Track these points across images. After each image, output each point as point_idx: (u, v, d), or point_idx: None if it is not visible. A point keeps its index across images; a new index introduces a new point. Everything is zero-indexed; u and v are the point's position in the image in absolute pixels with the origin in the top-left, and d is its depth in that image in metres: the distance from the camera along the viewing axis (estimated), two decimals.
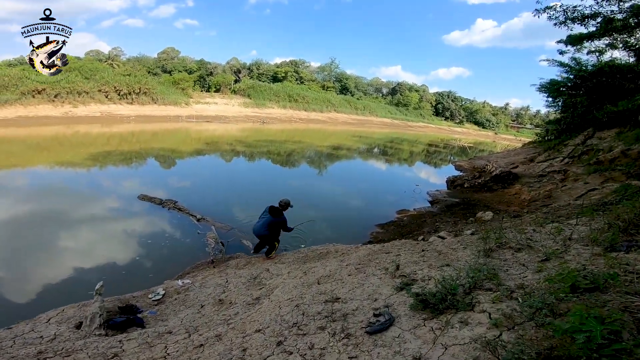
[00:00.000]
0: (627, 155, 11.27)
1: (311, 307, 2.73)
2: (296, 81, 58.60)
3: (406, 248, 4.61)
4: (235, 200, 11.12)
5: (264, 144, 25.53)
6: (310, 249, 6.42)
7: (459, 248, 3.68)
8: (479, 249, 3.37)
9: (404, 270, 3.19)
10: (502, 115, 77.21)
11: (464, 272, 2.65)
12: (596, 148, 14.37)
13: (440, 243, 4.33)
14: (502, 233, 3.57)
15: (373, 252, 4.77)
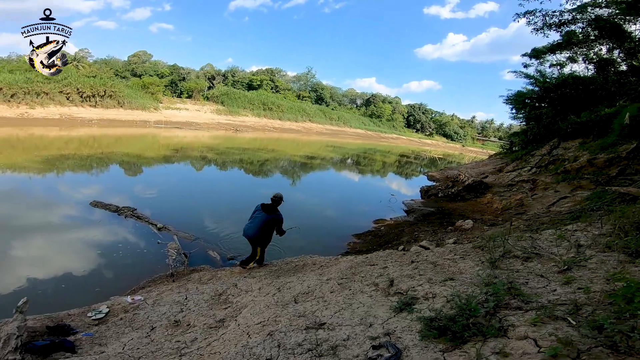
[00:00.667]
0: (593, 164, 11.52)
1: (289, 335, 2.13)
2: (272, 90, 57.67)
3: (392, 259, 4.12)
4: (202, 209, 10.28)
5: (236, 152, 24.64)
6: (285, 261, 5.79)
7: (456, 259, 3.23)
8: (481, 260, 2.93)
9: (399, 286, 2.68)
10: (469, 128, 79.92)
11: (476, 287, 2.17)
12: (562, 158, 14.74)
13: (430, 254, 3.87)
14: (504, 241, 3.15)
15: (356, 264, 4.24)
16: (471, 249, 3.57)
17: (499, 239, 3.30)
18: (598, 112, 14.27)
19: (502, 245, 3.12)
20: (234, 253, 7.46)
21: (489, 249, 3.10)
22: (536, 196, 11.82)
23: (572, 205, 8.97)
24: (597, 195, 8.13)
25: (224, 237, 8.34)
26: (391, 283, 2.74)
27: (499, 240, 3.29)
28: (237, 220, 9.65)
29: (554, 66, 21.79)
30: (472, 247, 3.62)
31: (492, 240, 3.31)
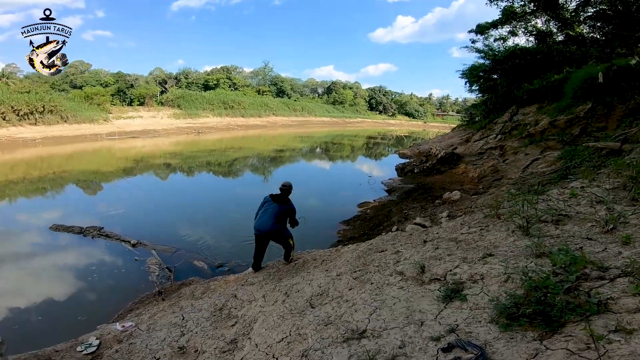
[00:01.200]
0: (556, 126, 11.96)
1: (329, 354, 1.78)
2: (230, 88, 55.87)
3: (401, 242, 3.87)
4: (175, 219, 9.55)
5: (203, 155, 23.52)
6: (280, 261, 5.39)
7: (477, 232, 3.01)
8: (509, 229, 2.72)
9: (432, 271, 2.40)
10: (428, 105, 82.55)
11: (528, 260, 1.92)
12: (523, 123, 15.28)
13: (441, 230, 3.65)
14: (523, 205, 2.96)
15: (362, 253, 3.95)
16: (484, 219, 3.37)
17: (513, 204, 3.11)
18: (549, 79, 14.92)
19: (520, 210, 2.93)
20: (222, 259, 6.98)
21: (508, 216, 2.90)
22: (508, 161, 12.13)
23: (547, 166, 9.23)
24: (569, 154, 8.41)
25: (206, 244, 7.79)
26: (422, 269, 2.45)
27: (513, 206, 3.11)
28: (216, 225, 9.10)
29: (497, 40, 22.92)
30: (484, 216, 3.43)
31: (503, 205, 3.11)
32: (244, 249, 7.68)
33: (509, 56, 18.13)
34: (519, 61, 17.55)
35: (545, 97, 14.67)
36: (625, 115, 8.96)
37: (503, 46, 21.99)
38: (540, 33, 19.54)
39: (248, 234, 8.75)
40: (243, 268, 6.59)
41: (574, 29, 17.71)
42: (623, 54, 13.45)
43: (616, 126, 9.03)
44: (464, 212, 6.17)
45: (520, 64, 17.50)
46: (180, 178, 16.80)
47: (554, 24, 19.00)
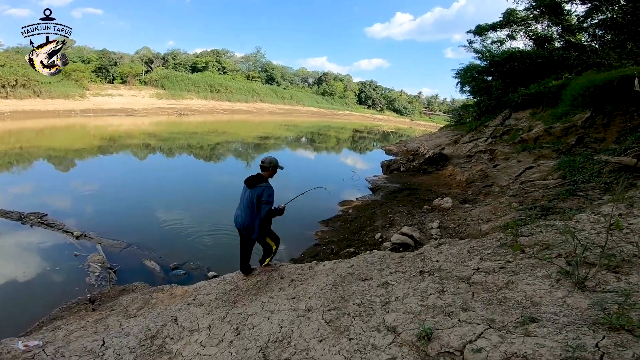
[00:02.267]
0: (551, 134, 11.43)
1: None
2: (218, 71, 53.97)
3: (390, 268, 3.06)
4: (138, 208, 8.51)
5: (183, 137, 22.20)
6: (239, 273, 4.49)
7: (502, 272, 2.23)
8: (551, 274, 1.95)
9: (442, 337, 1.59)
10: (417, 103, 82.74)
11: (598, 335, 1.14)
12: (515, 128, 14.80)
13: (443, 259, 2.86)
14: (575, 242, 2.19)
15: (341, 279, 3.12)
16: (500, 248, 2.59)
17: (534, 230, 2.34)
18: (546, 84, 14.42)
19: (558, 245, 2.17)
20: (180, 259, 6.05)
21: (539, 252, 2.14)
22: (499, 167, 11.55)
23: (542, 176, 8.63)
24: (567, 165, 7.81)
25: (165, 239, 6.86)
26: (429, 337, 1.64)
27: (536, 233, 2.34)
28: (183, 217, 8.07)
29: (495, 43, 22.67)
30: (500, 244, 2.65)
31: (521, 231, 2.34)
32: (210, 247, 6.79)
33: (507, 58, 17.72)
34: (517, 64, 17.17)
35: (541, 102, 14.24)
36: (626, 127, 8.41)
37: (500, 49, 21.72)
38: (539, 38, 19.19)
39: (218, 228, 7.90)
40: (201, 273, 5.74)
41: (575, 35, 17.31)
42: (620, 65, 13.01)
43: (616, 138, 8.50)
44: (456, 224, 5.45)
45: (518, 67, 17.12)
46: (152, 161, 15.53)
47: (555, 30, 18.62)
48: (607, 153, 7.22)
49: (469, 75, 21.85)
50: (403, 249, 5.32)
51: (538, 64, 16.61)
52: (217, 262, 6.18)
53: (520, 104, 15.70)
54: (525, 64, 16.91)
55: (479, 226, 4.80)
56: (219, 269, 5.92)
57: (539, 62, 16.59)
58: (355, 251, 5.86)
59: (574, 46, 17.70)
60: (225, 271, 5.76)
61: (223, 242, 7.00)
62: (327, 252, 6.30)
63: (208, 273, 5.75)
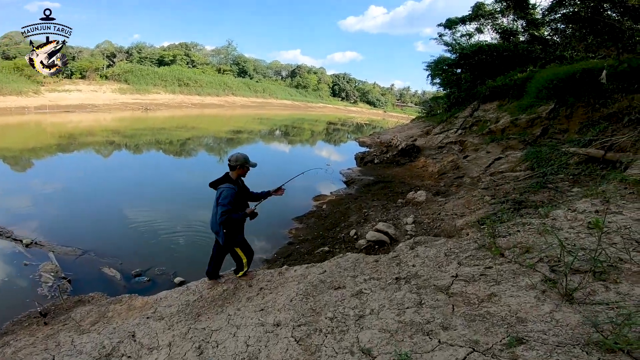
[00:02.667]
0: (517, 125, 11.67)
1: None
2: (187, 65, 52.01)
3: (364, 274, 2.85)
4: (95, 211, 7.87)
5: (150, 133, 21.11)
6: (205, 281, 4.15)
7: (483, 281, 2.05)
8: (535, 284, 1.79)
9: None
10: (389, 95, 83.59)
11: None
12: (483, 119, 15.07)
13: (420, 263, 2.68)
14: (564, 246, 2.04)
15: (312, 287, 2.88)
16: (478, 251, 2.44)
17: (511, 229, 2.20)
18: (512, 77, 14.73)
19: (538, 248, 2.03)
20: (143, 265, 5.61)
21: (520, 256, 1.98)
22: (469, 158, 11.70)
23: (510, 166, 8.77)
24: (534, 155, 7.93)
25: (126, 244, 6.37)
26: None
27: (514, 233, 2.19)
28: (145, 219, 7.56)
29: (464, 36, 23.19)
30: (478, 246, 2.50)
31: (498, 230, 2.19)
32: (177, 249, 6.37)
33: (476, 51, 18.00)
34: (485, 57, 17.47)
35: (507, 94, 14.57)
36: (588, 119, 8.65)
37: (468, 42, 22.15)
38: (505, 31, 19.71)
39: (187, 228, 7.44)
40: (166, 280, 5.33)
41: (539, 29, 17.87)
42: (582, 58, 13.49)
43: (578, 129, 8.71)
44: (431, 218, 5.35)
45: (486, 59, 17.42)
46: (114, 160, 14.58)
47: (520, 24, 19.19)
48: (573, 144, 7.33)
49: (439, 68, 22.14)
50: (378, 247, 5.17)
51: (504, 57, 16.96)
52: (186, 266, 5.78)
53: (487, 96, 16.02)
54: (493, 56, 17.23)
55: (454, 221, 4.72)
56: (187, 273, 5.54)
57: (506, 55, 16.96)
58: (330, 250, 5.66)
59: (538, 40, 18.26)
60: (194, 276, 5.38)
61: (192, 243, 6.60)
62: (301, 252, 6.06)
63: (174, 279, 5.34)
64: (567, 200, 3.81)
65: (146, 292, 4.87)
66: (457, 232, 4.18)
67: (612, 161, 4.87)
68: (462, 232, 4.10)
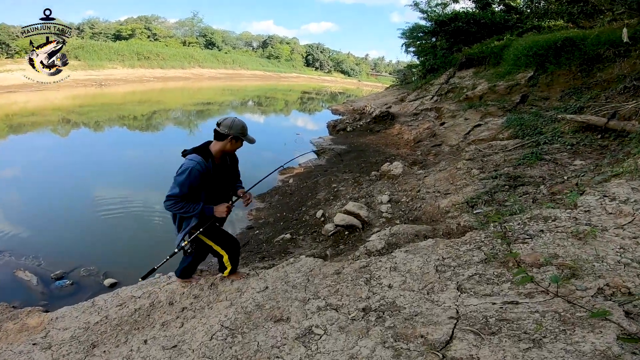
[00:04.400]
0: (495, 92, 10.99)
1: None
2: (148, 38, 47.98)
3: (321, 295, 1.89)
4: (25, 201, 6.52)
5: (108, 109, 18.96)
6: (117, 294, 3.10)
7: (506, 331, 1.11)
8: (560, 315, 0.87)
9: None
10: (364, 65, 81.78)
11: None
12: (459, 86, 14.39)
13: (399, 282, 1.73)
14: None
15: (245, 315, 1.92)
16: (484, 264, 1.51)
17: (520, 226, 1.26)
18: (489, 45, 14.14)
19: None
20: (69, 265, 4.50)
21: (556, 283, 1.06)
22: (446, 125, 10.88)
23: (492, 135, 7.99)
24: (517, 122, 7.24)
25: (54, 239, 5.20)
26: None
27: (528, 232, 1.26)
28: (84, 206, 6.33)
29: (439, 5, 22.09)
30: (485, 256, 1.57)
31: (511, 226, 1.25)
32: (115, 241, 5.22)
33: (452, 18, 17.29)
34: (461, 24, 16.74)
35: (484, 62, 14.04)
36: (569, 87, 8.05)
37: (443, 11, 21.19)
38: (481, 0, 18.78)
39: (128, 218, 6.24)
40: (95, 282, 4.30)
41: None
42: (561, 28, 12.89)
43: (560, 97, 8.16)
44: (410, 197, 4.45)
45: (462, 27, 16.71)
46: (56, 140, 12.65)
47: None
48: (560, 111, 6.76)
49: (414, 35, 21.24)
50: (349, 233, 4.27)
51: (481, 24, 16.34)
52: (122, 263, 4.70)
53: (464, 63, 15.45)
54: (469, 24, 16.57)
55: (436, 201, 3.84)
56: (123, 273, 4.49)
57: (482, 23, 16.33)
58: (292, 238, 4.70)
59: (514, 9, 17.66)
60: (131, 277, 4.34)
61: (134, 234, 5.47)
62: (260, 240, 5.06)
63: (104, 281, 4.27)
64: (572, 176, 3.00)
65: (69, 299, 3.83)
66: (442, 216, 3.32)
67: (614, 130, 4.11)
68: (448, 215, 3.24)
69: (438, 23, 18.19)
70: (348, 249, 3.65)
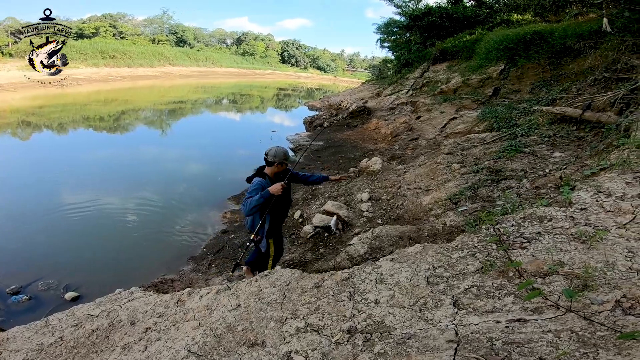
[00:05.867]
0: (469, 85, 11.09)
1: None
2: (114, 37, 45.92)
3: (299, 314, 1.66)
4: None
5: (69, 110, 17.78)
6: (73, 312, 2.75)
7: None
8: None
9: None
10: (339, 61, 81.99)
11: None
12: (434, 80, 14.52)
13: (386, 297, 1.53)
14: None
15: (215, 338, 1.68)
16: (480, 274, 1.33)
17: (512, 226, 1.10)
18: (461, 39, 14.25)
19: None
20: (27, 277, 4.09)
21: (567, 297, 0.89)
22: (422, 118, 10.89)
23: (467, 127, 8.00)
24: (492, 115, 7.26)
25: (13, 250, 4.75)
26: None
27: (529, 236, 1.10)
28: (46, 212, 5.78)
29: (412, 0, 22.32)
30: (481, 265, 1.39)
31: (504, 226, 1.08)
32: (75, 255, 4.78)
33: (426, 13, 17.37)
34: (435, 18, 16.86)
35: (457, 56, 14.20)
36: (539, 80, 8.18)
37: (417, 5, 21.37)
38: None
39: (92, 225, 5.73)
40: (55, 297, 3.96)
41: None
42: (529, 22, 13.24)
43: (530, 89, 8.30)
44: (390, 194, 4.28)
45: (436, 21, 16.85)
46: (10, 144, 11.63)
47: None
48: (531, 103, 6.83)
49: (389, 30, 21.28)
50: (328, 234, 4.06)
51: (454, 19, 16.50)
52: (85, 274, 4.35)
53: (437, 57, 15.64)
54: (442, 18, 16.71)
55: (418, 198, 3.69)
56: (86, 285, 4.17)
57: (455, 18, 16.50)
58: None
59: (484, 4, 18.01)
60: (95, 289, 4.01)
61: (98, 243, 5.05)
62: (235, 245, 4.77)
63: (65, 295, 3.92)
64: (554, 169, 2.92)
65: (27, 315, 3.56)
66: (426, 214, 3.16)
67: (589, 121, 4.11)
68: (432, 214, 3.09)
69: (412, 18, 18.24)
70: (329, 252, 3.44)
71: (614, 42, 6.07)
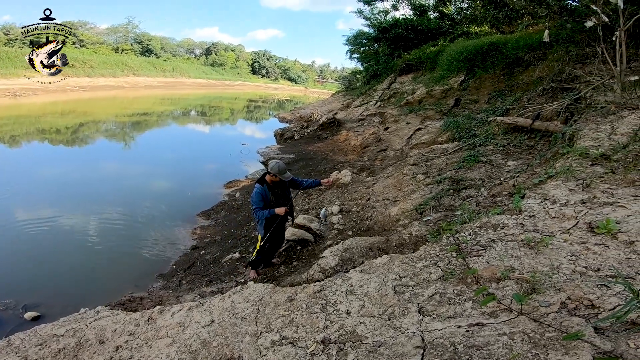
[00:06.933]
0: (433, 96, 11.57)
1: None
2: (74, 45, 43.76)
3: (274, 328, 1.68)
4: None
5: (23, 121, 16.65)
6: (36, 331, 2.60)
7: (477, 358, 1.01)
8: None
9: None
10: (310, 72, 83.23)
11: None
12: (400, 91, 15.00)
13: (356, 307, 1.59)
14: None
15: (190, 355, 1.66)
16: (442, 282, 1.42)
17: (471, 233, 1.22)
18: (425, 50, 14.81)
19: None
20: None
21: (518, 300, 0.99)
22: (390, 129, 11.26)
23: (432, 138, 8.36)
24: (454, 125, 7.60)
25: None
26: None
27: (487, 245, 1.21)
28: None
29: (381, 13, 23.17)
30: (443, 274, 1.49)
31: (463, 234, 1.19)
32: (33, 273, 4.45)
33: (393, 25, 17.97)
34: (401, 30, 17.44)
35: (421, 67, 14.73)
36: (495, 90, 8.65)
37: (384, 18, 22.19)
38: (418, 8, 19.91)
39: (51, 240, 5.38)
40: (13, 317, 3.75)
41: (447, 6, 18.23)
42: (486, 33, 14.01)
43: (487, 99, 8.74)
44: (360, 206, 4.40)
45: (402, 33, 17.42)
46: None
47: (431, 1, 19.61)
48: (488, 113, 7.14)
49: (358, 42, 21.93)
50: (301, 247, 4.08)
51: (419, 31, 17.15)
52: (45, 293, 4.09)
53: (404, 68, 16.14)
54: (408, 30, 17.31)
55: (387, 209, 3.82)
56: (46, 304, 3.95)
57: (420, 30, 17.16)
58: (242, 256, 4.38)
59: (447, 16, 18.90)
60: (56, 309, 3.78)
61: (58, 259, 4.74)
62: (206, 261, 4.66)
63: (25, 314, 3.72)
64: (508, 177, 3.16)
65: None
66: (394, 225, 3.29)
67: (539, 130, 4.48)
68: (399, 224, 3.22)
69: (380, 30, 18.83)
70: (302, 265, 3.47)
71: (559, 52, 6.36)
